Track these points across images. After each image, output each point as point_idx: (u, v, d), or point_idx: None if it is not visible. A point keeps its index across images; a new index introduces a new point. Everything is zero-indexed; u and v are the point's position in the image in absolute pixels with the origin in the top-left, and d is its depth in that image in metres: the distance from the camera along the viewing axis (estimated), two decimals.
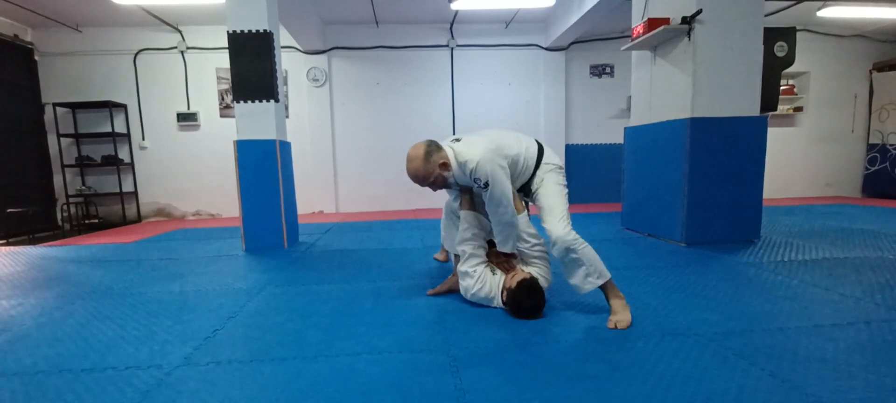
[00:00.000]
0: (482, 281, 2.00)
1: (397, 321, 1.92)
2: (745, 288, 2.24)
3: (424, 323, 1.88)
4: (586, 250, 1.85)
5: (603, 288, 1.87)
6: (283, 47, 5.00)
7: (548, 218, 1.92)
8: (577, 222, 2.06)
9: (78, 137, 5.76)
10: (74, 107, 5.67)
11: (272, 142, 3.56)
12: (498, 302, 1.99)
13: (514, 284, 1.89)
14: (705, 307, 1.98)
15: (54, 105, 5.55)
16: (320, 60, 5.99)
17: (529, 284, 1.88)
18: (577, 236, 1.86)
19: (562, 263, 1.91)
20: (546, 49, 6.28)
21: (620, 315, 1.80)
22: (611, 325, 1.76)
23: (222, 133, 5.94)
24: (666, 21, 3.17)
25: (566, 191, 2.00)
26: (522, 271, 1.96)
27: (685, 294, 2.17)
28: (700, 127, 3.15)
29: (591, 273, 1.84)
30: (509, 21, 6.00)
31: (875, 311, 1.88)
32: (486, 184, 1.86)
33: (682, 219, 3.28)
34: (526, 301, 1.86)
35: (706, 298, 2.10)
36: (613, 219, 4.63)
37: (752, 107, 3.22)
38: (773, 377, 1.35)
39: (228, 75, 5.73)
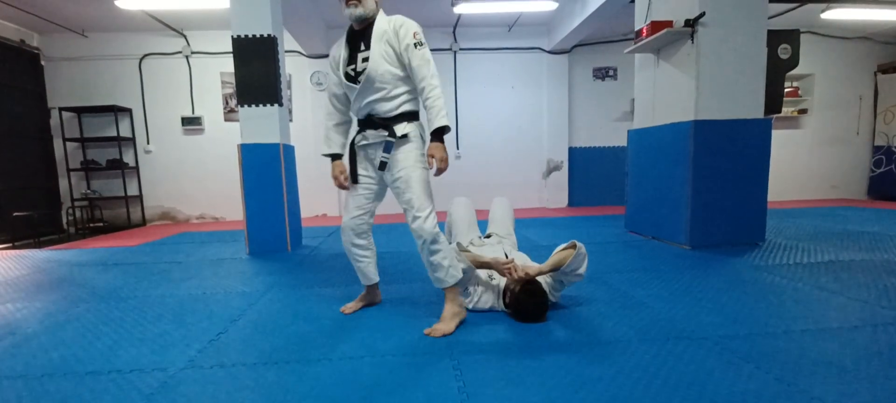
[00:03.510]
0: (479, 294, 2.00)
1: (400, 324, 1.92)
2: (749, 292, 2.23)
3: (427, 326, 1.87)
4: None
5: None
6: (286, 51, 5.02)
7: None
8: (580, 225, 2.06)
9: (83, 141, 5.80)
10: (80, 111, 5.71)
11: (276, 145, 3.57)
12: (500, 305, 1.98)
13: (516, 288, 1.89)
14: (710, 310, 1.97)
15: (60, 109, 5.60)
16: (324, 64, 6.02)
17: (530, 288, 1.87)
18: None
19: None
20: (549, 52, 6.29)
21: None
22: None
23: (226, 137, 5.96)
24: (669, 24, 3.17)
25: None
26: (524, 274, 1.94)
27: (689, 297, 2.16)
28: (703, 129, 3.14)
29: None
30: (512, 24, 6.01)
31: (882, 314, 1.86)
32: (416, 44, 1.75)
33: (686, 222, 3.26)
34: (528, 304, 1.85)
35: (711, 301, 2.09)
36: (617, 222, 4.62)
37: (755, 110, 3.20)
38: (778, 381, 1.34)
39: (232, 79, 5.76)
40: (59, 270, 3.21)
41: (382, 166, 1.86)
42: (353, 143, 1.97)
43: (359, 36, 1.83)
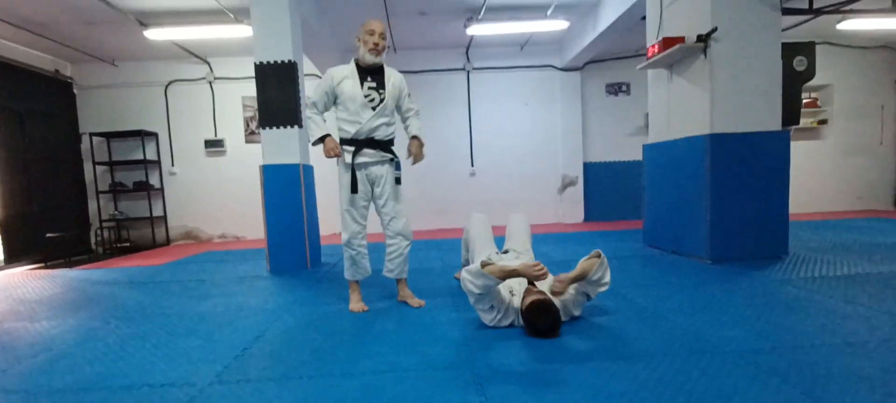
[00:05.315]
0: (502, 312, 2.00)
1: (420, 340, 1.94)
2: (773, 305, 2.19)
3: (447, 342, 1.90)
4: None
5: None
6: (305, 75, 5.19)
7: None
8: (597, 240, 2.08)
9: (112, 165, 6.04)
10: (109, 136, 5.97)
11: (296, 166, 3.67)
12: (520, 321, 1.99)
13: (525, 306, 1.89)
14: (734, 324, 1.94)
15: (91, 135, 5.86)
16: None
17: (540, 305, 1.86)
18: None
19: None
20: (562, 69, 6.35)
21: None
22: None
23: (247, 158, 6.14)
24: (681, 40, 3.20)
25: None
26: (537, 291, 1.95)
27: (712, 311, 2.14)
28: (720, 143, 3.13)
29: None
30: (524, 43, 6.11)
31: None
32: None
33: (705, 236, 3.23)
34: (539, 321, 1.85)
35: (734, 315, 2.06)
36: (635, 236, 4.57)
37: (773, 122, 3.19)
38: (806, 395, 1.32)
39: (253, 103, 5.95)
40: (90, 289, 3.32)
41: (398, 181, 2.43)
42: (352, 162, 2.37)
43: (367, 71, 2.39)
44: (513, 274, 1.92)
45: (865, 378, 1.41)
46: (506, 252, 2.54)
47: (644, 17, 3.93)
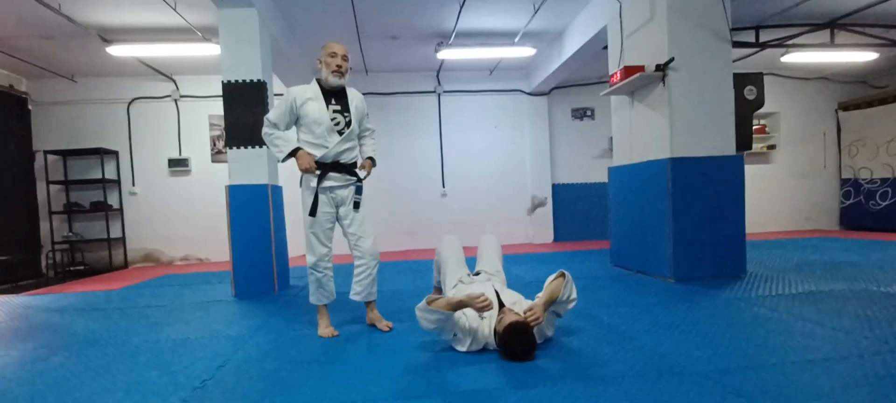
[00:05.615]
0: (470, 338, 1.99)
1: (392, 366, 1.90)
2: (737, 324, 2.27)
3: (419, 367, 1.87)
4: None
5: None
6: (275, 94, 5.14)
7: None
8: (566, 260, 2.11)
9: (67, 184, 5.73)
10: (65, 154, 5.67)
11: (264, 186, 3.60)
12: (494, 344, 1.98)
13: (501, 328, 1.89)
14: (700, 344, 2.00)
15: (45, 152, 5.56)
16: None
17: (517, 327, 1.86)
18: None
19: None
20: (529, 94, 6.54)
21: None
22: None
23: (213, 178, 5.95)
24: (640, 69, 3.36)
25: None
26: (512, 313, 1.96)
27: (679, 331, 2.20)
28: (680, 166, 3.29)
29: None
30: (493, 68, 6.27)
31: (867, 344, 1.90)
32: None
33: (669, 256, 3.34)
34: (516, 343, 1.86)
35: (700, 335, 2.12)
36: (602, 257, 4.69)
37: (727, 147, 3.37)
38: None
39: (220, 122, 5.82)
40: (37, 316, 3.10)
41: (357, 205, 2.42)
42: (317, 186, 2.35)
43: (330, 94, 2.37)
44: (460, 305, 1.93)
45: (828, 395, 1.46)
46: (477, 274, 2.54)
47: (606, 47, 4.13)
